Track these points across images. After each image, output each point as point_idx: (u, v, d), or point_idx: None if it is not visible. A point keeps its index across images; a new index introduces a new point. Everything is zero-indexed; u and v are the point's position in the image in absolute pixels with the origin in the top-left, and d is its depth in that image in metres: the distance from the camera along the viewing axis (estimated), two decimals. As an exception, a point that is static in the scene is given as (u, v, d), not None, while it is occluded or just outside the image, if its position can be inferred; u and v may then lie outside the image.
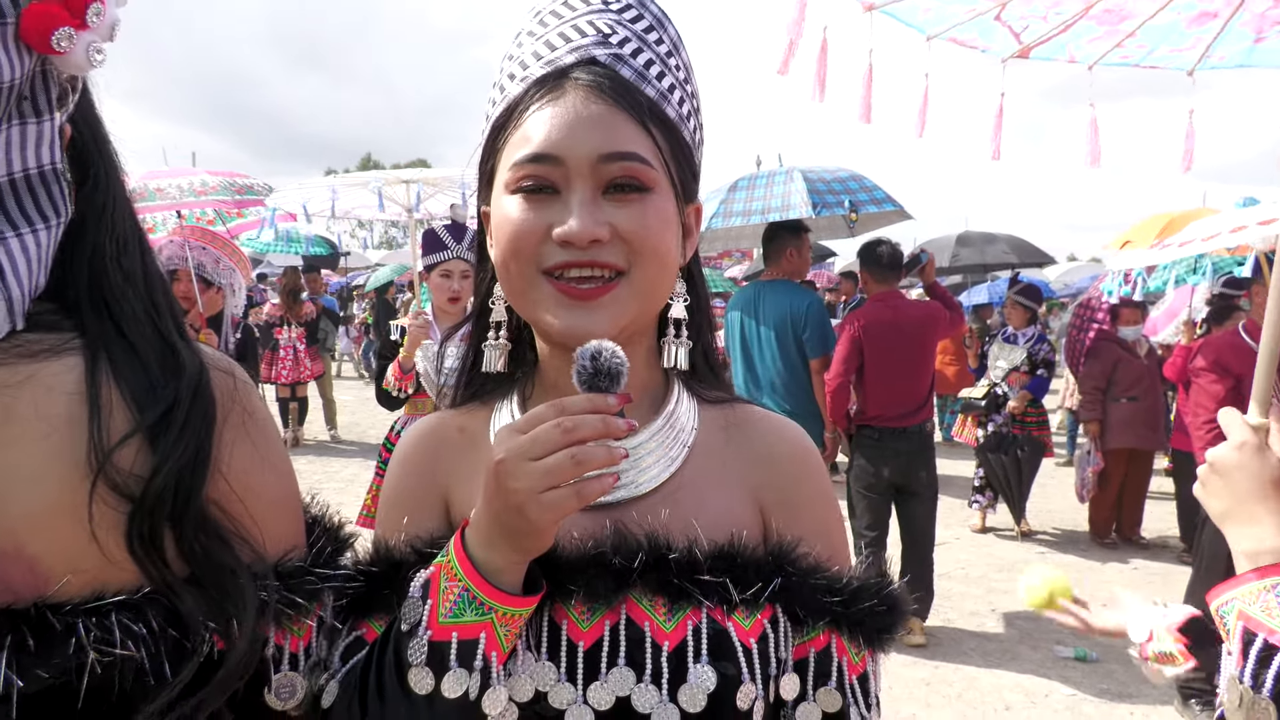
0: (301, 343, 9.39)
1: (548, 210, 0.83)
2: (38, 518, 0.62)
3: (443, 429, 0.99)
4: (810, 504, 0.94)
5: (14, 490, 0.62)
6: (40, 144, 0.66)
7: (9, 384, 0.63)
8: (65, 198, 0.69)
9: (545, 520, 0.74)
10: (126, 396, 0.67)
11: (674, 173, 0.88)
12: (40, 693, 0.60)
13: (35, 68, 0.63)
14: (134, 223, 0.77)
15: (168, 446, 0.66)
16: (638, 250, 0.83)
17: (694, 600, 0.83)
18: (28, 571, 0.61)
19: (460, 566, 0.77)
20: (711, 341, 1.00)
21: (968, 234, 11.70)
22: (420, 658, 0.76)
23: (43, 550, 0.62)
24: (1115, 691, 4.20)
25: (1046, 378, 6.75)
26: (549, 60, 0.86)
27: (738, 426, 0.96)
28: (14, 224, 0.64)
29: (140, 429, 0.66)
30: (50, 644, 0.61)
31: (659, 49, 0.89)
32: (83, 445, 0.64)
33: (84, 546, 0.63)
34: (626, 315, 0.84)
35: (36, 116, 0.65)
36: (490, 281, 0.95)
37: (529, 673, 0.82)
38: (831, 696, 0.88)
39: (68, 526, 0.63)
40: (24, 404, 0.63)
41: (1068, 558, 6.35)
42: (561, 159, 0.82)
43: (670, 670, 0.81)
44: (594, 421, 0.73)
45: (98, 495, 0.63)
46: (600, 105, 0.83)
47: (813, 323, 4.58)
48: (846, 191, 5.66)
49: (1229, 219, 4.10)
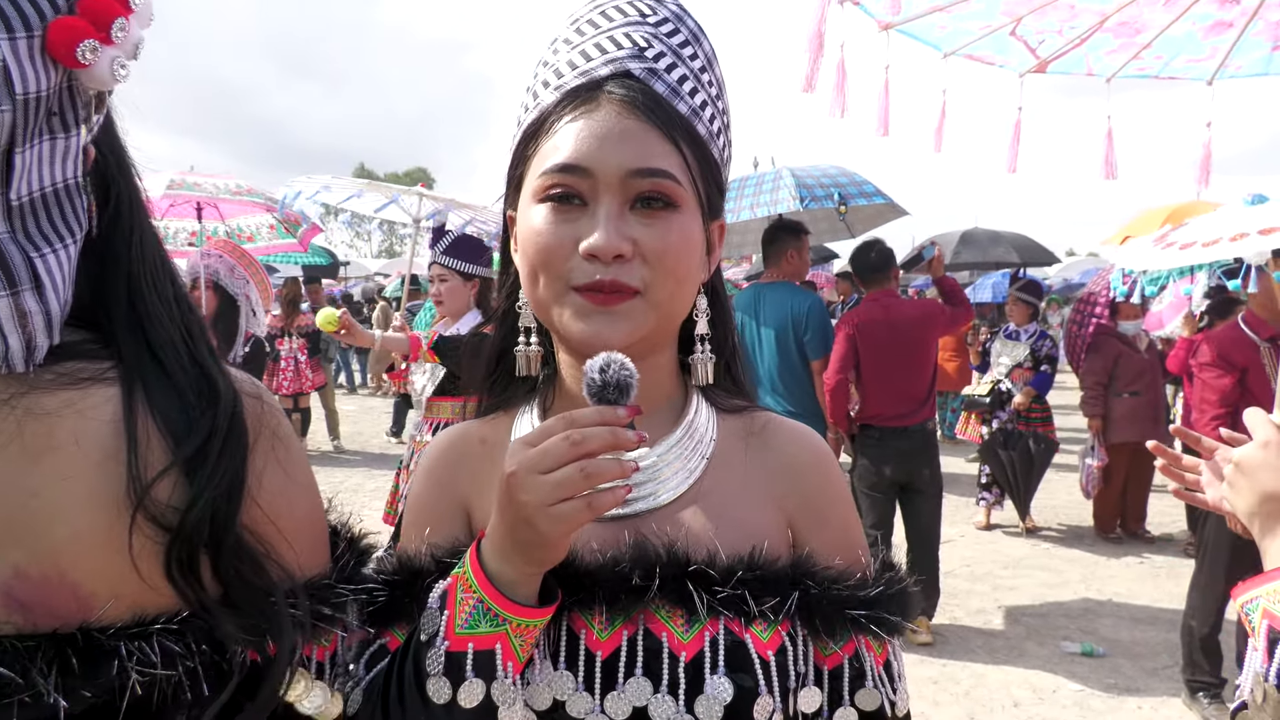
0: (303, 354, 9.38)
1: (574, 223, 0.84)
2: (78, 546, 0.64)
3: (465, 441, 1.00)
4: (832, 513, 0.95)
5: (55, 518, 0.63)
6: (66, 159, 0.67)
7: (51, 412, 0.65)
8: (85, 213, 0.70)
9: (556, 533, 0.74)
10: (162, 427, 0.68)
11: (701, 190, 0.89)
12: (83, 712, 0.62)
13: (61, 82, 0.64)
14: (161, 247, 0.79)
15: (204, 478, 0.68)
16: (656, 270, 0.84)
17: (712, 611, 0.83)
18: (70, 597, 0.63)
19: (475, 578, 0.78)
20: (735, 353, 1.00)
21: (972, 232, 11.65)
22: (438, 668, 0.77)
23: (84, 577, 0.64)
24: (1123, 686, 4.20)
25: (1050, 373, 6.74)
26: (584, 71, 0.87)
27: (757, 435, 0.96)
28: (48, 240, 0.66)
29: (177, 462, 0.68)
30: (95, 666, 0.63)
31: (693, 64, 0.89)
32: (120, 477, 0.65)
33: (124, 573, 0.65)
34: (644, 328, 0.85)
35: (65, 132, 0.66)
36: (515, 285, 0.95)
37: (547, 681, 0.82)
38: (871, 696, 0.90)
39: (107, 554, 0.64)
40: (64, 432, 0.65)
41: (1073, 553, 6.34)
42: (591, 171, 0.83)
43: (687, 681, 0.81)
44: (603, 434, 0.73)
45: (137, 526, 0.65)
46: (632, 120, 0.84)
47: (814, 324, 4.58)
48: (836, 185, 5.68)
49: (1232, 222, 4.07)
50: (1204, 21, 2.62)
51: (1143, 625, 4.95)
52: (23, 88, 0.60)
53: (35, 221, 0.65)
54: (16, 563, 0.62)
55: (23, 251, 0.63)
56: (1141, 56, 2.82)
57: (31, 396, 0.65)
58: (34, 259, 0.64)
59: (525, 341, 0.94)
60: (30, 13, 0.61)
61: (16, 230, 0.63)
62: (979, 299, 12.68)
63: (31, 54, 0.61)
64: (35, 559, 0.62)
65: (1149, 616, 5.08)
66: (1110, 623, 5.00)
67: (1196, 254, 4.26)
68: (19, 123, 0.61)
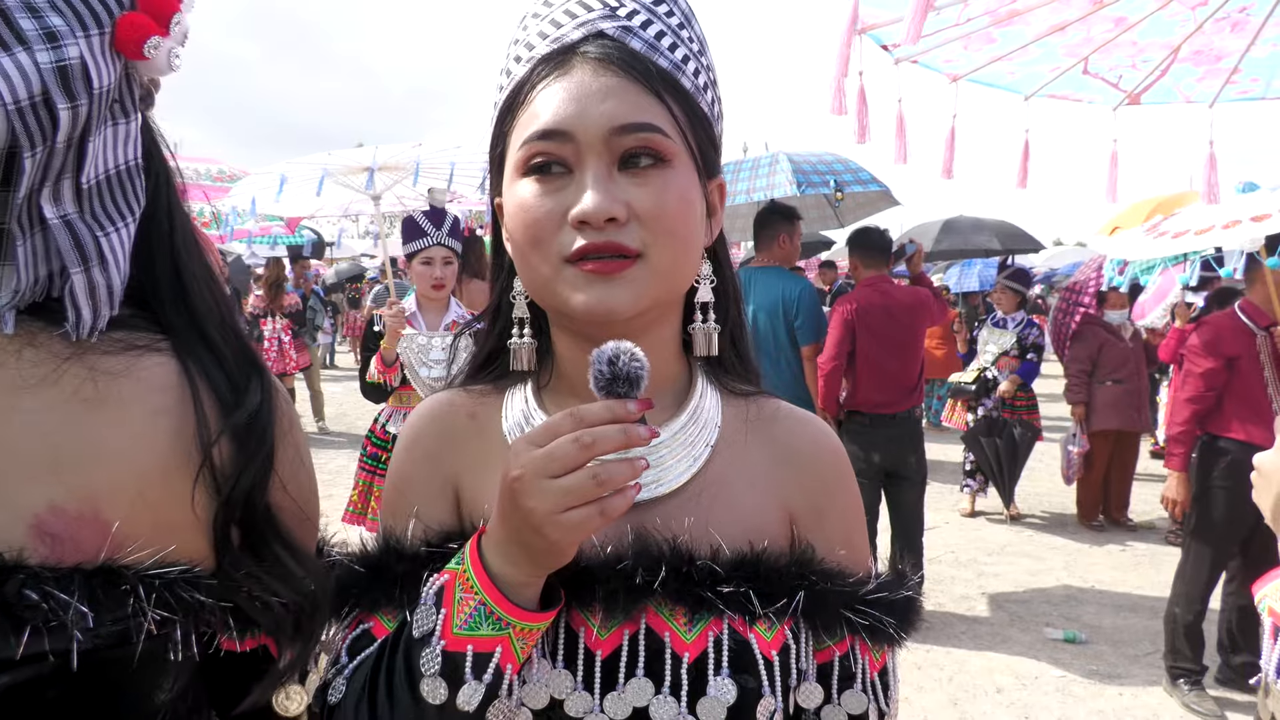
0: (286, 334, 9.32)
1: (561, 193, 0.79)
2: (120, 490, 0.67)
3: (453, 414, 0.94)
4: (837, 507, 0.91)
5: (102, 460, 0.67)
6: (127, 142, 0.72)
7: (111, 372, 0.70)
8: (143, 191, 0.74)
9: (566, 541, 0.71)
10: (213, 395, 0.73)
11: (693, 144, 0.83)
12: (85, 654, 0.63)
13: (122, 72, 0.69)
14: (190, 223, 0.82)
15: (252, 448, 0.73)
16: (654, 231, 0.78)
17: (715, 610, 0.79)
18: (98, 535, 0.66)
19: (477, 579, 0.74)
20: (741, 325, 0.95)
21: (955, 220, 11.66)
22: (434, 668, 0.73)
23: (120, 519, 0.67)
24: (1104, 673, 4.24)
25: (1036, 362, 6.78)
26: (555, 38, 0.82)
27: (761, 422, 0.91)
28: (111, 219, 0.70)
29: (228, 429, 0.73)
30: (115, 601, 0.65)
31: (670, 20, 0.84)
32: (177, 435, 0.70)
33: (160, 524, 0.69)
34: (648, 295, 0.80)
35: (125, 118, 0.71)
36: (508, 275, 0.91)
37: (544, 680, 0.79)
38: (857, 699, 0.86)
39: (146, 503, 0.68)
40: (124, 390, 0.70)
41: (1056, 540, 6.40)
42: (572, 133, 0.78)
43: (690, 682, 0.78)
44: (614, 433, 0.69)
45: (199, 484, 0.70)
46: (610, 76, 0.79)
47: (805, 309, 4.57)
48: (832, 172, 5.67)
49: (1224, 211, 4.08)
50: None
51: (1124, 612, 5.00)
52: (99, 82, 0.65)
53: (100, 202, 0.70)
54: (53, 498, 0.64)
55: (90, 230, 0.68)
56: (1235, 80, 2.89)
57: (92, 356, 0.69)
58: (99, 237, 0.69)
59: (519, 334, 0.89)
60: (101, 11, 0.66)
61: (85, 211, 0.68)
62: (965, 288, 12.74)
63: (104, 49, 0.66)
64: (74, 496, 0.65)
65: (1130, 603, 5.13)
66: (1093, 609, 5.04)
67: (1189, 242, 4.28)
68: (93, 114, 0.66)
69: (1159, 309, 8.03)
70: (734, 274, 0.94)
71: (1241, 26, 2.61)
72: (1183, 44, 2.70)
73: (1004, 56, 2.88)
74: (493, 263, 0.95)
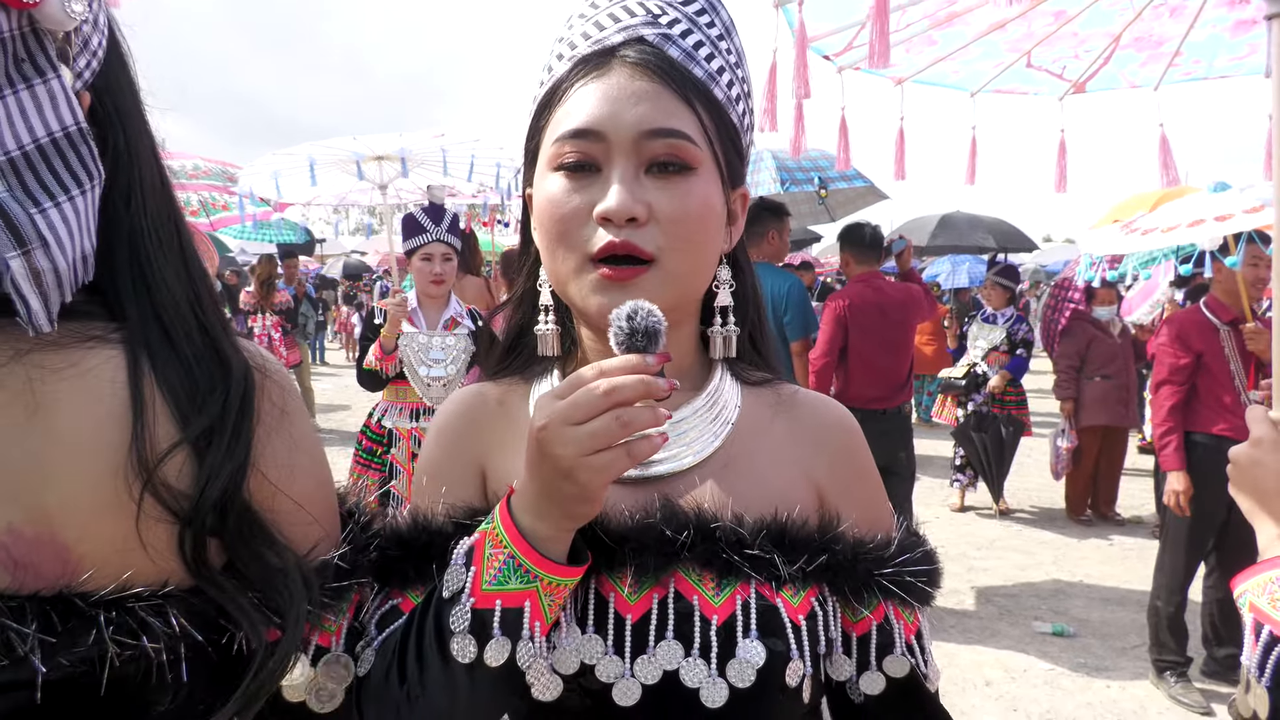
0: (276, 331, 9.27)
1: (589, 190, 0.82)
2: (72, 508, 0.62)
3: (481, 401, 0.97)
4: (859, 483, 0.94)
5: (50, 478, 0.61)
6: (55, 105, 0.64)
7: (55, 369, 0.63)
8: (95, 159, 0.67)
9: (596, 483, 0.72)
10: (169, 400, 0.66)
11: (719, 153, 0.86)
12: (61, 681, 0.60)
13: (23, 26, 0.62)
14: (170, 202, 0.75)
15: (216, 461, 0.66)
16: (671, 235, 0.82)
17: (743, 575, 0.82)
18: (56, 559, 0.61)
19: (506, 533, 0.75)
20: (760, 327, 0.99)
21: (951, 216, 11.68)
22: (463, 625, 0.74)
23: (74, 539, 0.62)
24: (1092, 666, 4.27)
25: (1026, 357, 6.81)
26: (596, 40, 0.85)
27: (784, 406, 0.95)
28: (50, 193, 0.63)
29: (186, 441, 0.65)
30: (73, 634, 0.61)
31: (710, 31, 0.87)
32: (124, 447, 0.63)
33: (115, 539, 0.63)
34: (662, 301, 0.81)
35: (40, 76, 0.63)
36: (535, 263, 0.93)
37: (575, 646, 0.81)
38: (899, 663, 0.89)
39: (101, 519, 0.63)
40: (65, 391, 0.63)
41: (1045, 534, 6.44)
42: (603, 134, 0.81)
43: (719, 645, 0.80)
44: (634, 383, 0.71)
45: (144, 504, 0.63)
46: (645, 81, 0.82)
47: (794, 305, 4.57)
48: (816, 169, 5.68)
49: (1192, 209, 4.12)
50: (1223, 24, 2.68)
51: (1112, 606, 5.04)
52: None
53: (35, 175, 0.63)
54: (11, 520, 0.60)
55: (23, 208, 0.61)
56: (1177, 63, 2.91)
57: (35, 354, 0.63)
58: (33, 215, 0.61)
59: (544, 320, 0.92)
60: None
61: (14, 188, 0.61)
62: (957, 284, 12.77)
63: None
64: (30, 518, 0.61)
65: (1118, 597, 5.17)
66: (1081, 603, 5.08)
67: (1157, 239, 4.33)
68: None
69: (1146, 305, 8.07)
70: (755, 278, 0.98)
71: (1180, 11, 2.64)
72: (1123, 31, 2.73)
73: (946, 57, 2.92)
74: (520, 251, 0.98)
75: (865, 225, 4.97)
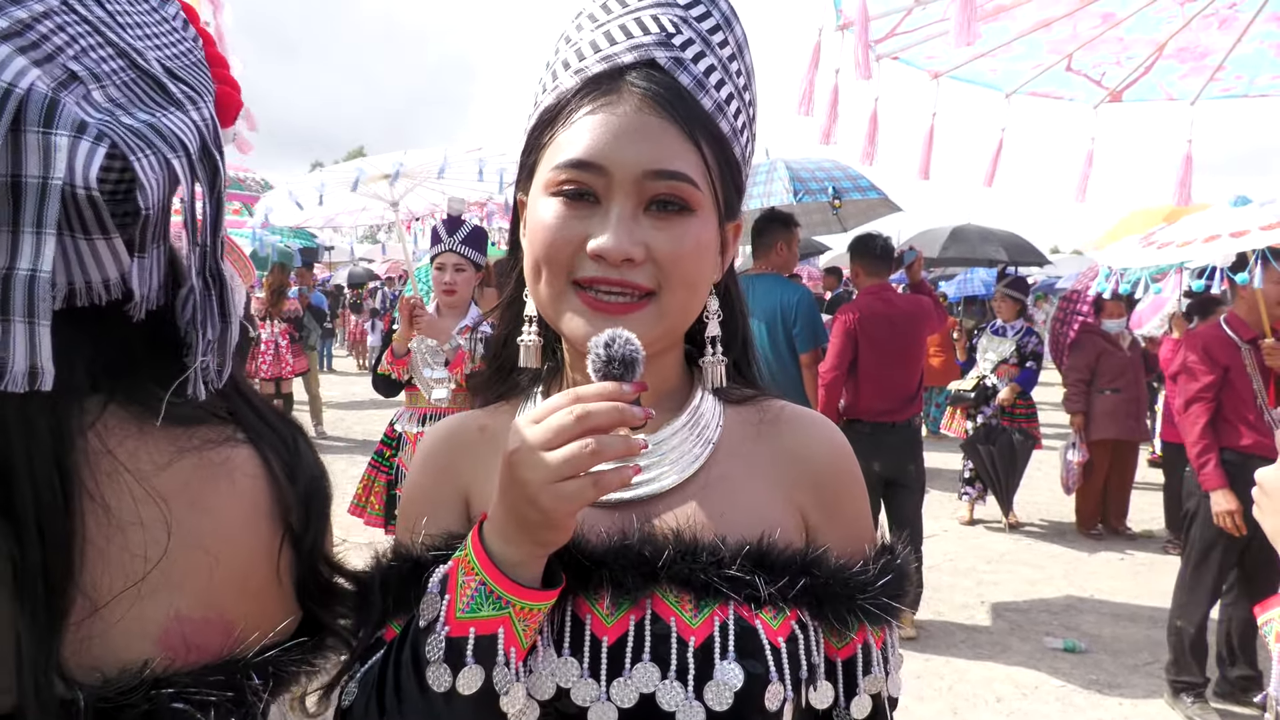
0: (284, 339, 9.31)
1: (585, 220, 0.81)
2: (233, 589, 0.68)
3: (463, 429, 0.97)
4: (844, 505, 0.93)
5: (217, 566, 0.67)
6: None
7: (209, 465, 0.69)
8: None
9: (561, 512, 0.71)
10: (282, 469, 0.73)
11: (719, 192, 0.86)
12: None
13: None
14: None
15: (317, 506, 0.74)
16: (669, 274, 0.82)
17: (721, 596, 0.80)
18: (224, 635, 0.66)
19: (477, 560, 0.75)
20: (745, 349, 0.98)
21: (963, 229, 11.65)
22: (438, 654, 0.74)
23: (237, 617, 0.68)
24: (1105, 683, 4.22)
25: (1035, 370, 6.78)
26: (606, 55, 0.83)
27: (768, 424, 0.93)
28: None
29: (297, 498, 0.73)
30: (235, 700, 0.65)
31: (722, 52, 0.86)
32: (270, 518, 0.70)
33: (265, 604, 0.69)
34: (652, 334, 0.82)
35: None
36: (522, 272, 0.92)
37: (550, 669, 0.79)
38: (874, 681, 0.89)
39: (249, 595, 0.69)
40: (224, 487, 0.69)
41: (1055, 548, 6.38)
42: (606, 169, 0.80)
43: (696, 667, 0.78)
44: (609, 409, 0.70)
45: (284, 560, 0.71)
46: (652, 116, 0.81)
47: (803, 316, 4.56)
48: (830, 179, 5.66)
49: (1208, 224, 4.09)
50: (1270, 39, 2.64)
51: (1124, 621, 4.99)
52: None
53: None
54: (179, 608, 0.64)
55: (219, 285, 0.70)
56: (1218, 78, 2.86)
57: (191, 455, 0.69)
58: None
59: (528, 331, 0.91)
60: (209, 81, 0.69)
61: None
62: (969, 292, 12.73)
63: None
64: (198, 603, 0.65)
65: (1130, 613, 5.12)
66: (1092, 619, 5.03)
67: (1172, 254, 4.30)
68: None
69: (1156, 319, 8.03)
70: (742, 305, 0.98)
71: (1230, 23, 2.61)
72: (1169, 40, 2.69)
73: (987, 53, 2.87)
74: (509, 257, 0.97)
75: (877, 237, 4.95)
